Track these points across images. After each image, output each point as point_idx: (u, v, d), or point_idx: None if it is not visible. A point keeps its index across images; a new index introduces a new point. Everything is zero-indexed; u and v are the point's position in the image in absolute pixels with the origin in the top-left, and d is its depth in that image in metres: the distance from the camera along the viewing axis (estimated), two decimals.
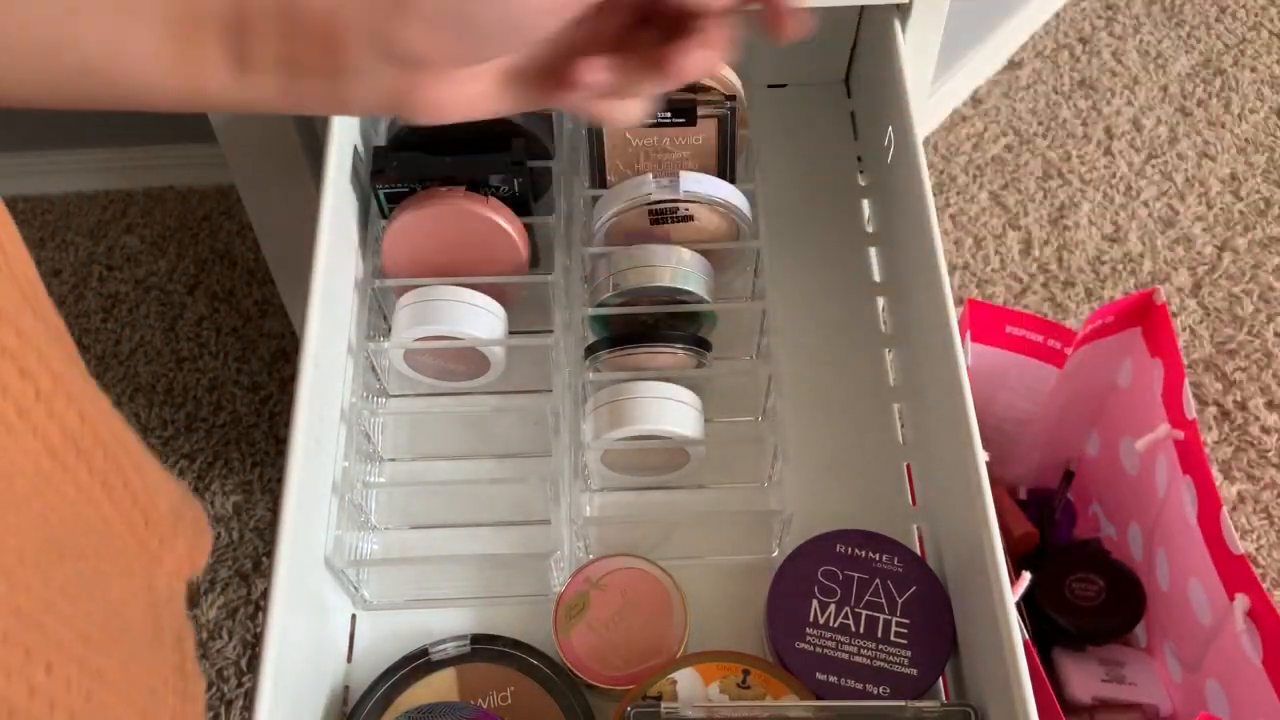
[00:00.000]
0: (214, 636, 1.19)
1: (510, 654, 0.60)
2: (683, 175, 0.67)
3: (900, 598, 0.59)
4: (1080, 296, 1.43)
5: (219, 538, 1.23)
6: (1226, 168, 1.56)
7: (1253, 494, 1.25)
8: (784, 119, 0.85)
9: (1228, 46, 1.70)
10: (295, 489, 0.56)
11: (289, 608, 0.53)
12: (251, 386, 1.32)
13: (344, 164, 0.69)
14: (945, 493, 0.63)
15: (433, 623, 0.62)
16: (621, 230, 0.69)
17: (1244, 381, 1.34)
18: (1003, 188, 1.54)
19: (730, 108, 0.69)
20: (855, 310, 0.75)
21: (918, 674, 0.57)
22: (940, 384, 0.62)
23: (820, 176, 0.82)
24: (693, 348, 0.66)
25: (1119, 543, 1.01)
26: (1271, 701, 0.76)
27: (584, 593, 0.61)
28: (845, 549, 0.61)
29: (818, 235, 0.79)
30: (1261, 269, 1.45)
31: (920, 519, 0.67)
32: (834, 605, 0.59)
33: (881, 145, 0.76)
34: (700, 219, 0.68)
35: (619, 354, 0.65)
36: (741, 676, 0.56)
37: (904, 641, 0.58)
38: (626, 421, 0.62)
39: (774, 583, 0.60)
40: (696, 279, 0.66)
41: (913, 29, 0.75)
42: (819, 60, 0.86)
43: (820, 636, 0.58)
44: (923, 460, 0.68)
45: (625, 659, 0.59)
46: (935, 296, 0.63)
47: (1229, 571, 0.80)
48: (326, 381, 0.61)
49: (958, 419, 0.59)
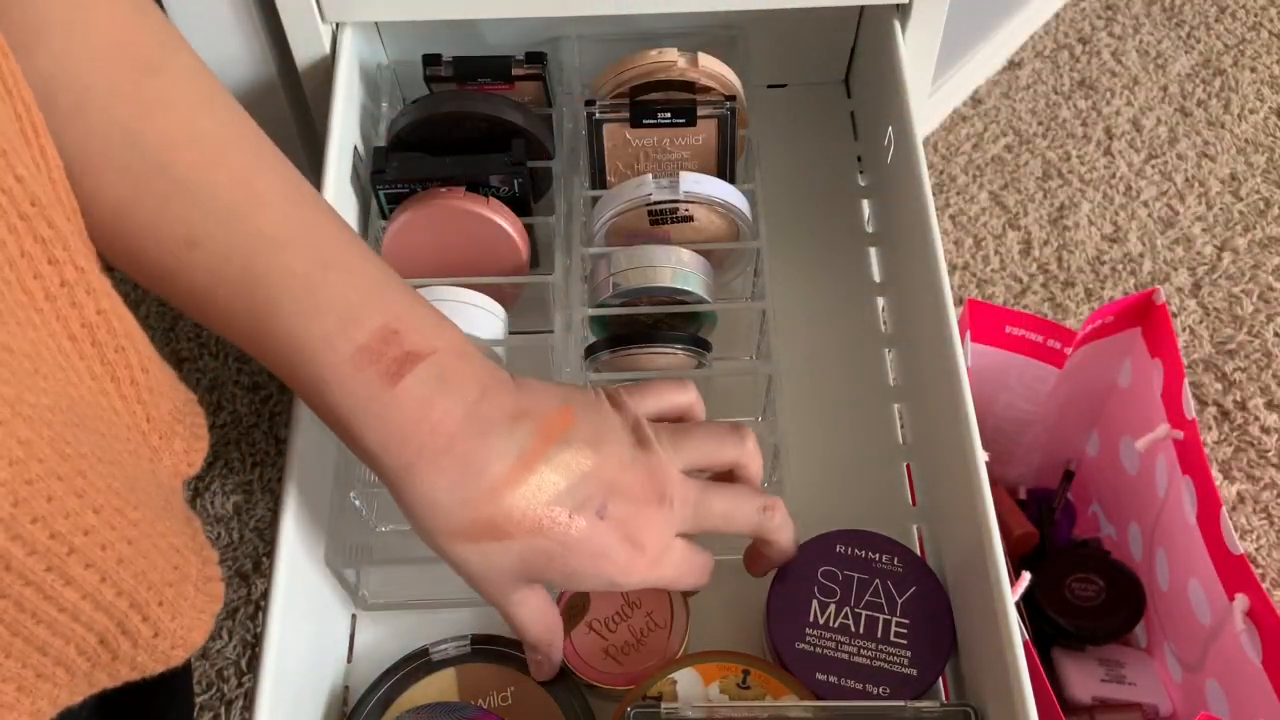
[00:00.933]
0: (214, 636, 1.19)
1: (510, 654, 0.59)
2: (682, 175, 0.67)
3: (900, 598, 0.59)
4: (1080, 296, 1.43)
5: (219, 538, 1.23)
6: (1226, 168, 1.56)
7: (1253, 494, 1.25)
8: (784, 119, 0.85)
9: (1228, 46, 1.70)
10: (295, 489, 0.56)
11: (288, 608, 0.53)
12: (251, 386, 1.32)
13: (344, 165, 0.69)
14: (945, 493, 0.63)
15: (433, 624, 0.62)
16: (621, 230, 0.69)
17: (1244, 381, 1.34)
18: (1003, 188, 1.54)
19: (730, 108, 0.69)
20: (854, 310, 0.75)
21: (917, 674, 0.57)
22: (940, 383, 0.62)
23: (820, 176, 0.82)
24: (692, 348, 0.66)
25: (1119, 543, 1.01)
26: (1271, 701, 0.76)
27: (585, 593, 0.61)
28: (845, 549, 0.61)
29: (817, 235, 0.79)
30: (1261, 269, 1.45)
31: (920, 519, 0.67)
32: (834, 605, 0.59)
33: (881, 145, 0.76)
34: (700, 219, 0.68)
35: (619, 354, 0.65)
36: (741, 676, 0.56)
37: (904, 642, 0.58)
38: None
39: (774, 583, 0.60)
40: (696, 279, 0.66)
41: (913, 29, 0.75)
42: (819, 60, 0.86)
43: (820, 637, 0.58)
44: (922, 460, 0.68)
45: (626, 659, 0.59)
46: (935, 296, 0.63)
47: (1229, 571, 0.80)
48: None
49: (958, 419, 0.59)
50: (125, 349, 0.41)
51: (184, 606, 0.43)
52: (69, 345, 0.38)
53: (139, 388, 0.42)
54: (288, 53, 0.75)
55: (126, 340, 0.41)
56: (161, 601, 0.41)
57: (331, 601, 0.61)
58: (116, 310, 0.40)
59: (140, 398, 0.42)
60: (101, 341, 0.39)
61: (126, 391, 0.41)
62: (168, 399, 0.45)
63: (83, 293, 0.38)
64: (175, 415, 0.45)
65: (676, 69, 0.70)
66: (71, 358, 0.38)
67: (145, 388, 0.42)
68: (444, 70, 0.72)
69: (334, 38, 0.74)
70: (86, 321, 0.38)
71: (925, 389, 0.67)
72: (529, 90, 0.74)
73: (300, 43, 0.73)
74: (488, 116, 0.69)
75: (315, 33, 0.73)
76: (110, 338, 0.40)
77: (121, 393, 0.41)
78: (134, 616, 0.40)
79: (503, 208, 0.67)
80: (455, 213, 0.66)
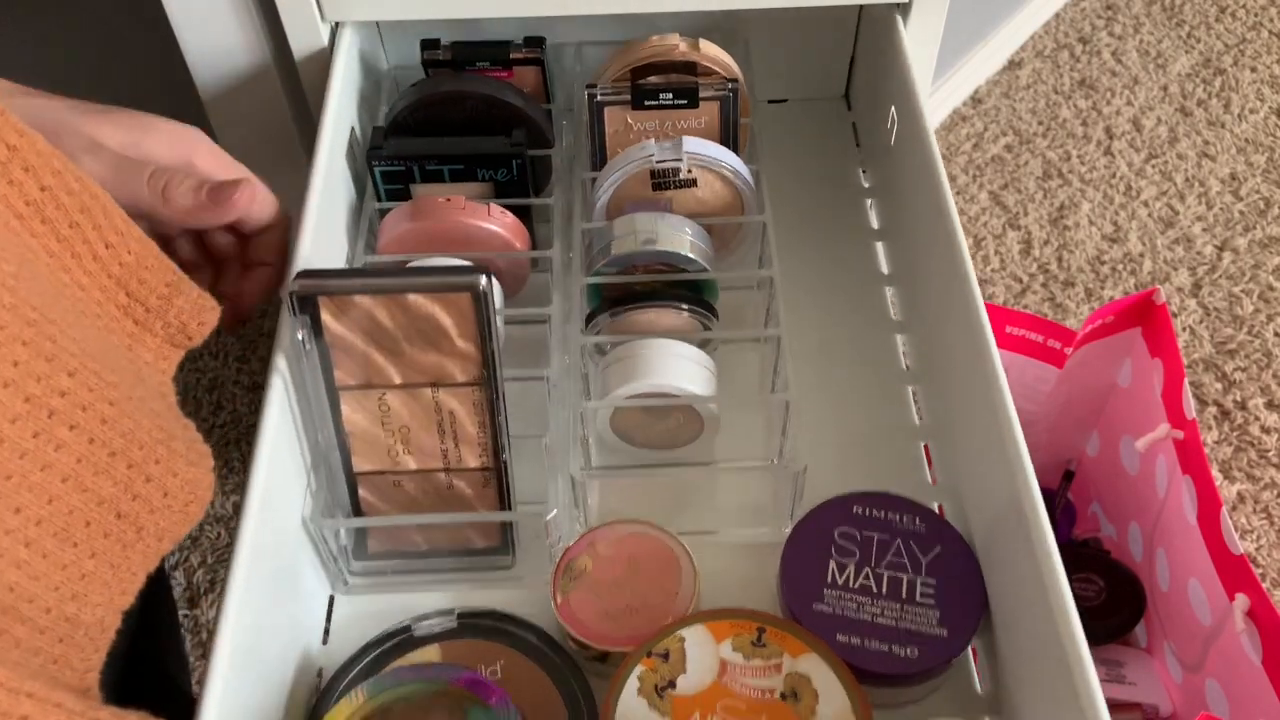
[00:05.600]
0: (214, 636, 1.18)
1: (499, 628, 0.57)
2: (685, 139, 0.67)
3: (925, 557, 0.56)
4: (1080, 296, 1.43)
5: (219, 538, 1.23)
6: (1226, 168, 1.55)
7: (1253, 494, 1.25)
8: (785, 131, 0.86)
9: (1228, 46, 1.70)
10: (266, 461, 0.52)
11: (251, 579, 0.50)
12: (252, 386, 1.32)
13: (339, 143, 0.68)
14: (973, 461, 0.60)
15: (415, 605, 0.59)
16: (624, 198, 0.68)
17: (1244, 381, 1.34)
18: (1003, 188, 1.54)
19: (733, 89, 0.69)
20: (863, 300, 0.75)
21: (948, 635, 0.53)
22: (967, 351, 0.60)
23: (823, 178, 0.82)
24: (698, 309, 0.64)
25: (1119, 543, 1.01)
26: (1271, 701, 0.76)
27: (586, 555, 0.58)
28: (863, 510, 0.58)
29: (824, 231, 0.79)
30: (1261, 269, 1.45)
31: (941, 495, 0.64)
32: (853, 566, 0.56)
33: (885, 128, 0.76)
34: (703, 185, 0.67)
35: (624, 312, 0.63)
36: (756, 635, 0.52)
37: (931, 601, 0.54)
38: (639, 376, 0.60)
39: (787, 545, 0.57)
40: (695, 246, 0.65)
41: (913, 28, 0.75)
42: (819, 74, 0.87)
43: (840, 598, 0.55)
44: (943, 437, 0.66)
45: (630, 624, 0.55)
46: (956, 266, 0.61)
47: (1229, 571, 0.80)
48: None
49: (988, 379, 0.56)
50: (80, 224, 0.41)
51: (179, 463, 0.43)
52: (17, 224, 0.38)
53: (103, 263, 0.42)
54: (285, 46, 0.74)
55: (82, 215, 0.41)
56: (158, 460, 0.42)
57: (307, 582, 0.58)
58: (67, 186, 0.40)
59: (109, 272, 0.43)
60: (52, 218, 0.40)
61: (90, 266, 0.42)
62: (157, 273, 0.45)
63: (18, 170, 0.38)
64: (170, 287, 0.46)
65: (678, 52, 0.70)
66: (23, 235, 0.39)
67: (113, 261, 0.43)
68: (441, 54, 0.72)
69: (333, 35, 0.74)
70: (30, 199, 0.39)
71: (947, 366, 0.65)
72: (528, 80, 0.74)
73: (299, 40, 0.73)
74: (486, 97, 0.68)
75: (315, 31, 0.73)
76: (61, 214, 0.40)
77: (85, 268, 0.42)
78: (137, 478, 0.40)
79: (503, 215, 0.66)
80: (455, 226, 0.65)
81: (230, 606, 0.48)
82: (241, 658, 0.48)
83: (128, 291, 0.44)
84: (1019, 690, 0.53)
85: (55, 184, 0.40)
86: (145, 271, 0.44)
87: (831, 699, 0.50)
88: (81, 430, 0.37)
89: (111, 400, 0.39)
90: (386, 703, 0.51)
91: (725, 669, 0.51)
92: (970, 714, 0.55)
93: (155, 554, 0.44)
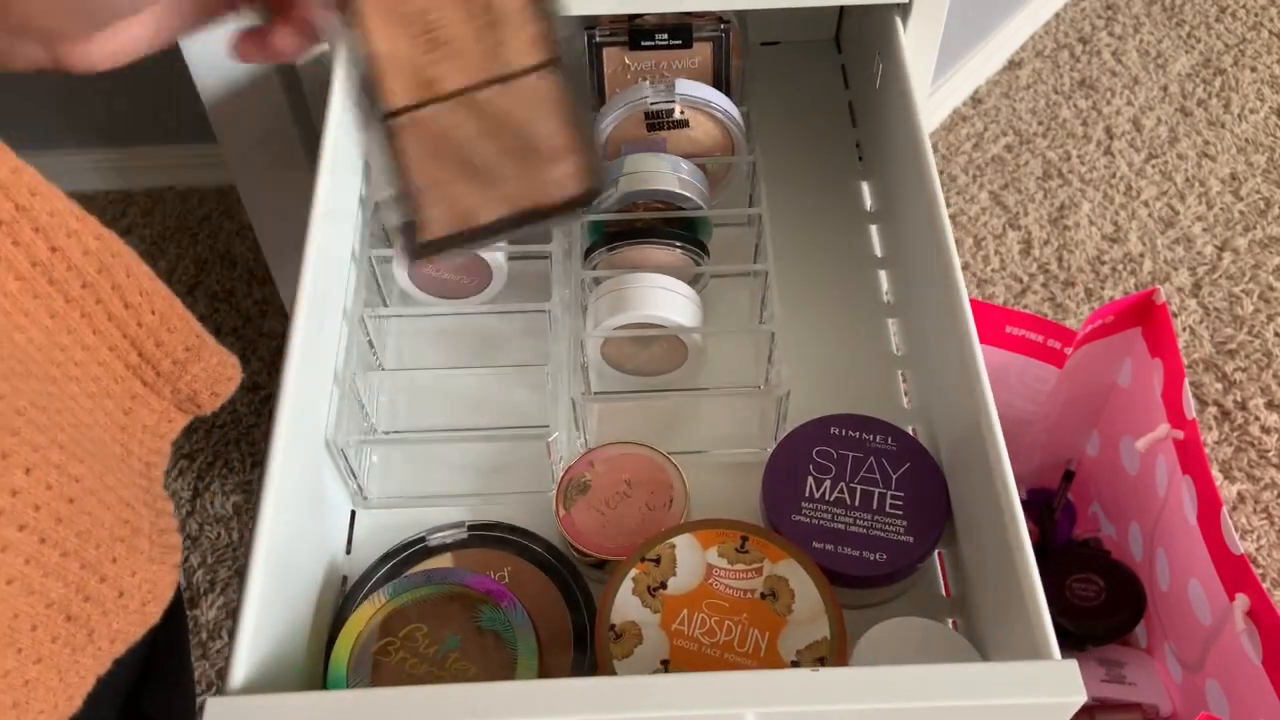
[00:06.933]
0: (214, 636, 1.18)
1: (507, 539, 0.61)
2: (678, 81, 0.70)
3: (895, 473, 0.61)
4: (1080, 296, 1.43)
5: (219, 538, 1.23)
6: (1226, 168, 1.55)
7: (1253, 494, 1.25)
8: (777, 73, 0.90)
9: (1228, 46, 1.70)
10: (294, 384, 0.55)
11: (281, 498, 0.52)
12: (251, 386, 1.32)
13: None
14: (941, 388, 0.64)
15: (431, 519, 0.63)
16: (620, 140, 0.72)
17: (1244, 381, 1.34)
18: (1003, 188, 1.54)
19: (726, 29, 0.72)
20: (848, 237, 0.78)
21: (914, 541, 0.58)
22: (937, 287, 0.63)
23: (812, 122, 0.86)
24: (690, 247, 0.68)
25: (1119, 543, 1.01)
26: (1271, 701, 0.76)
27: (587, 473, 0.63)
28: (840, 430, 0.63)
29: (810, 168, 0.82)
30: (1261, 269, 1.45)
31: (915, 419, 0.68)
32: (829, 481, 0.61)
33: (870, 73, 0.78)
34: (695, 126, 0.71)
35: (619, 248, 0.67)
36: (739, 542, 0.57)
37: (899, 512, 0.59)
38: (625, 308, 0.64)
39: (769, 462, 0.61)
40: (690, 185, 0.68)
41: (913, 28, 0.75)
42: (809, 18, 0.91)
43: (816, 509, 0.60)
44: (918, 366, 0.69)
45: (626, 535, 0.60)
46: (932, 218, 0.63)
47: (1229, 571, 0.80)
48: (328, 286, 0.61)
49: (955, 312, 0.59)
50: (94, 284, 0.40)
51: (140, 561, 0.42)
52: (16, 285, 0.37)
53: (118, 321, 0.41)
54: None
55: (99, 275, 0.40)
56: (115, 558, 0.40)
57: (332, 496, 0.62)
58: (84, 245, 0.39)
59: (125, 331, 0.42)
60: (61, 279, 0.39)
61: (100, 325, 0.41)
62: (178, 335, 0.44)
63: (27, 231, 0.37)
64: (189, 351, 0.45)
65: None
66: (19, 299, 0.37)
67: (131, 322, 0.42)
68: None
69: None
70: (37, 260, 0.38)
71: (920, 298, 0.68)
72: None
73: None
74: None
75: None
76: (72, 274, 0.39)
77: (94, 326, 0.41)
78: (90, 579, 0.39)
79: None
80: None
81: (264, 520, 0.51)
82: (275, 566, 0.51)
83: (141, 352, 0.43)
84: (978, 594, 0.57)
85: (68, 244, 0.38)
86: (166, 333, 0.43)
87: (806, 598, 0.55)
88: (32, 530, 0.35)
89: (71, 497, 0.37)
90: (405, 604, 0.56)
91: (711, 572, 0.56)
92: (936, 615, 0.59)
93: (107, 656, 0.42)
